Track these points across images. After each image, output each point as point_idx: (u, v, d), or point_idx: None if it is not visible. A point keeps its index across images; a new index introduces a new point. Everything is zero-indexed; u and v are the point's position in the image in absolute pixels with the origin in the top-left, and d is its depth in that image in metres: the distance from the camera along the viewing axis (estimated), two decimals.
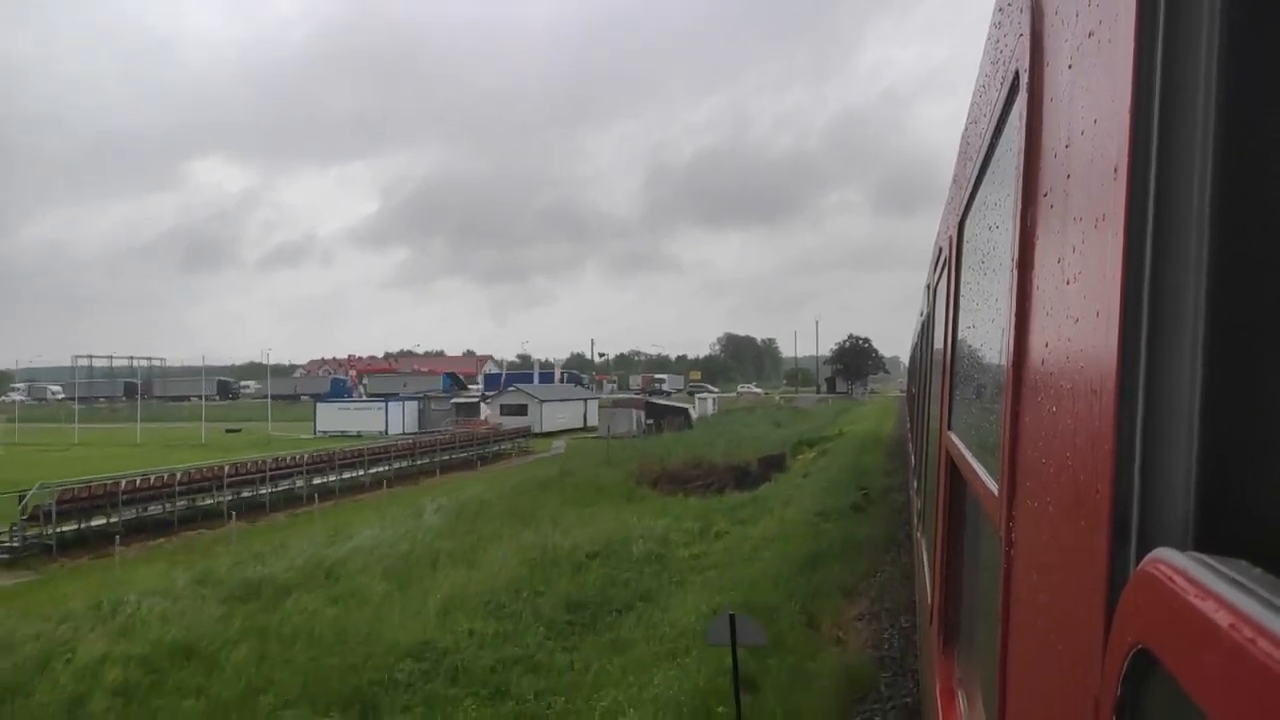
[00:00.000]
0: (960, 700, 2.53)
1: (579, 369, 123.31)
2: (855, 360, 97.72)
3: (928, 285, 5.97)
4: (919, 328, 8.81)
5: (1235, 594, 0.49)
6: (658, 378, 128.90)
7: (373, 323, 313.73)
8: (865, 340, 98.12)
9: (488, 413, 63.33)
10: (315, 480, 33.76)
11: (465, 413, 65.36)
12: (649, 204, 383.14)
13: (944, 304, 3.18)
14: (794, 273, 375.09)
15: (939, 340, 3.65)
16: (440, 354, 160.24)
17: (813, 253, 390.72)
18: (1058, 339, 1.00)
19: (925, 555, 4.25)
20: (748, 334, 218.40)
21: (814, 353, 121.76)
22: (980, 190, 2.06)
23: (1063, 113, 1.05)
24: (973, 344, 2.20)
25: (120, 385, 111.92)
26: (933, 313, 4.96)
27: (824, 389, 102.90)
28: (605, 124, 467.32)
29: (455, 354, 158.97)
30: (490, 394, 71.35)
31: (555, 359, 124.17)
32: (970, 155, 2.26)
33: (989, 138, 1.76)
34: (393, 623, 13.60)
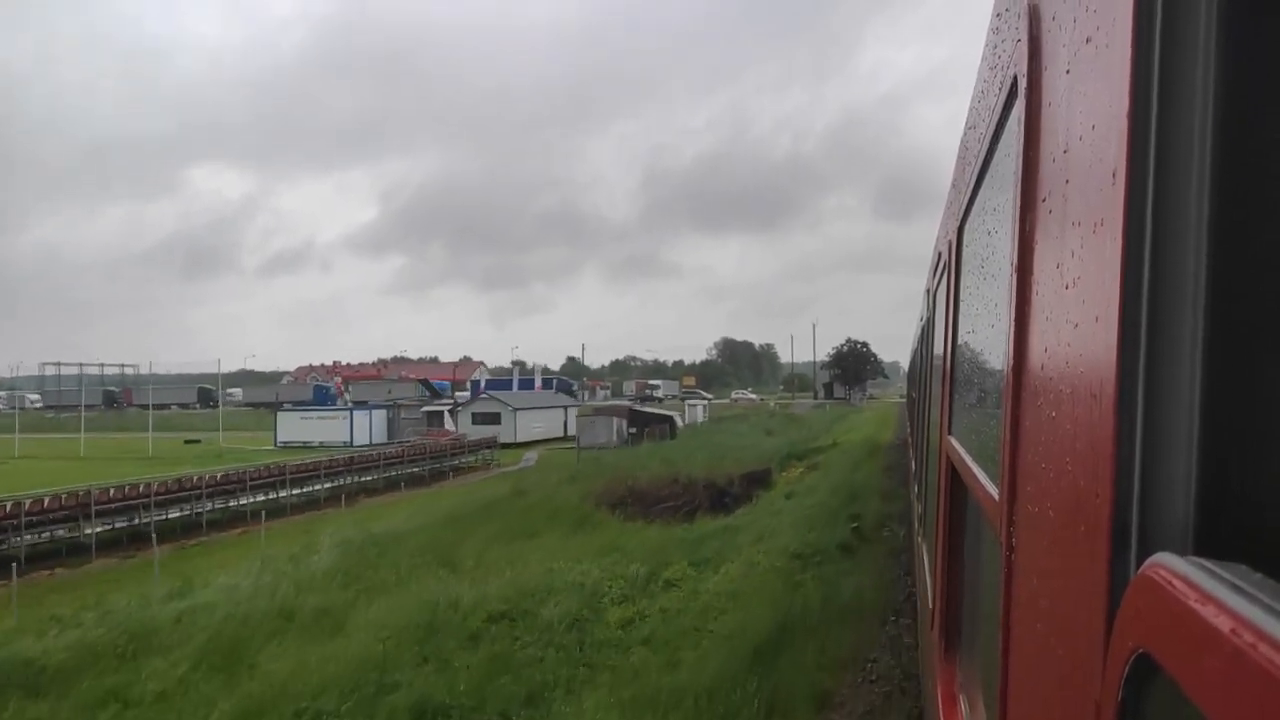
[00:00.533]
0: (962, 705, 2.52)
1: (574, 375, 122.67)
2: (853, 365, 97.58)
3: (927, 290, 5.97)
4: (919, 332, 8.80)
5: (1235, 598, 0.50)
6: (651, 383, 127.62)
7: (371, 329, 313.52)
8: (864, 344, 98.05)
9: (451, 424, 59.25)
10: (231, 504, 30.20)
11: (434, 422, 61.08)
12: (647, 208, 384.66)
13: (943, 308, 3.17)
14: (793, 277, 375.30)
15: (939, 345, 3.65)
16: (434, 360, 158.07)
17: (811, 257, 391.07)
18: (1057, 344, 1.00)
19: (926, 560, 4.25)
20: (745, 339, 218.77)
21: (812, 358, 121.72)
22: (979, 195, 2.06)
23: (1061, 118, 1.06)
24: (972, 348, 2.20)
25: (100, 393, 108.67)
26: (932, 317, 4.96)
27: (821, 395, 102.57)
28: (604, 125, 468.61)
29: (451, 360, 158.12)
30: (463, 402, 67.35)
31: (551, 365, 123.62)
32: (969, 160, 2.27)
33: (988, 143, 1.77)
34: None
